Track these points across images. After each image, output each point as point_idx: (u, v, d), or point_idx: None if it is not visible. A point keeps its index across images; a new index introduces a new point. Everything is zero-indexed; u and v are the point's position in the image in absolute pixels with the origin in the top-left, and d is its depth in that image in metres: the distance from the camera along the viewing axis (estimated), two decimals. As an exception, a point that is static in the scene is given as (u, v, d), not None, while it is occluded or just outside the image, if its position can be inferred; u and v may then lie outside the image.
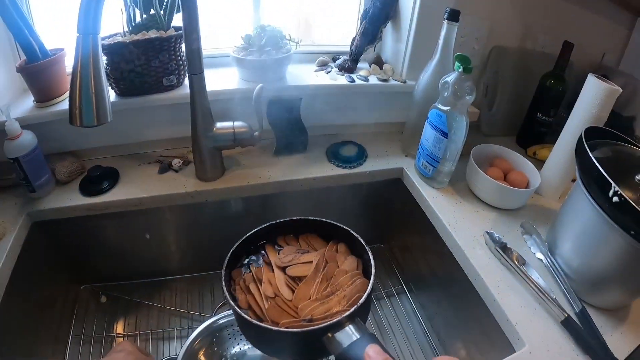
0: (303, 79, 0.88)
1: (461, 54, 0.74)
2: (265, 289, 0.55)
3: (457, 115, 0.76)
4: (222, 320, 0.78)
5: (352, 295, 0.52)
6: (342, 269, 0.57)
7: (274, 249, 0.62)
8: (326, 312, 0.50)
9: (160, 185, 0.83)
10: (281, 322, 0.50)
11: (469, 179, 0.86)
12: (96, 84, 0.56)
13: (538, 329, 0.62)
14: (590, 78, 0.78)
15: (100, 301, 0.97)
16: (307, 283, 0.55)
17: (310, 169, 0.88)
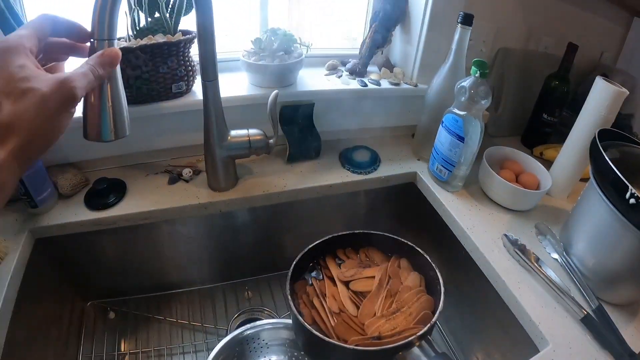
0: (314, 83, 0.87)
1: (479, 60, 0.74)
2: (330, 303, 0.54)
3: (473, 120, 0.76)
4: (246, 333, 0.76)
5: (418, 312, 0.52)
6: (406, 285, 0.57)
7: (334, 262, 0.61)
8: (393, 330, 0.50)
9: (171, 197, 0.80)
10: (350, 339, 0.49)
11: (482, 181, 0.86)
12: (113, 95, 0.51)
13: (559, 328, 0.63)
14: (599, 80, 0.79)
15: (109, 317, 0.93)
16: (371, 299, 0.55)
17: (325, 176, 0.87)
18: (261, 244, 0.94)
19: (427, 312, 0.53)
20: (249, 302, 0.96)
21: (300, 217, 0.91)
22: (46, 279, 0.82)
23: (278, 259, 0.99)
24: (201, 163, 0.86)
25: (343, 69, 0.92)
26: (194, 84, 0.85)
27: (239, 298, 0.96)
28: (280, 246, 0.96)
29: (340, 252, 0.63)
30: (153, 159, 0.89)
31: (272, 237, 0.93)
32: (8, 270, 0.69)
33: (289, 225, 0.92)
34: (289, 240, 0.95)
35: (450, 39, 0.80)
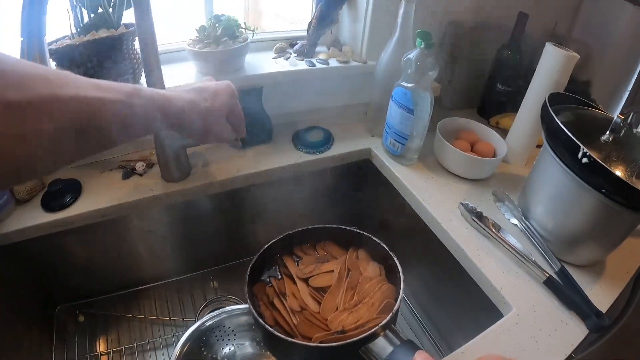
0: (262, 67, 0.86)
1: (422, 30, 0.74)
2: (291, 303, 0.54)
3: (422, 92, 0.76)
4: (208, 323, 0.76)
5: (380, 302, 0.52)
6: (366, 276, 0.56)
7: (292, 259, 0.60)
8: (357, 322, 0.50)
9: (126, 192, 0.79)
10: (314, 336, 0.49)
11: (437, 153, 0.87)
12: None
13: (522, 292, 0.64)
14: (548, 46, 0.80)
15: (79, 320, 0.92)
16: (332, 293, 0.54)
17: (278, 159, 0.86)
18: (223, 233, 0.93)
19: (390, 300, 0.52)
20: (215, 292, 0.95)
21: (259, 202, 0.90)
22: (11, 288, 0.81)
23: (241, 246, 0.99)
24: (154, 156, 0.85)
25: (291, 51, 0.91)
26: (141, 77, 0.83)
27: (205, 288, 0.96)
28: (242, 233, 0.96)
29: (297, 249, 0.62)
30: (106, 156, 0.87)
31: (233, 224, 0.93)
32: None
33: (248, 211, 0.92)
34: (251, 226, 0.94)
35: (397, 13, 0.80)
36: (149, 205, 0.80)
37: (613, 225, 0.64)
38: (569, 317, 0.61)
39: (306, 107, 0.96)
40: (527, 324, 0.60)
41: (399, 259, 0.97)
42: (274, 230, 0.65)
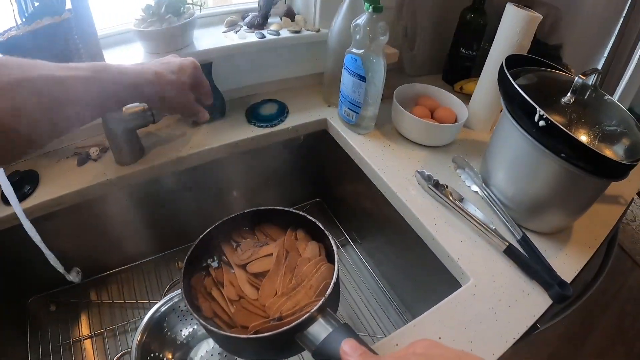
0: (210, 42, 0.84)
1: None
2: (227, 292, 0.52)
3: (373, 57, 0.74)
4: (169, 304, 0.77)
5: (319, 284, 0.50)
6: (304, 257, 0.54)
7: (231, 246, 0.58)
8: (295, 307, 0.48)
9: (82, 178, 0.79)
10: (250, 325, 0.47)
11: (395, 120, 0.85)
12: None
13: (481, 262, 0.63)
14: (509, 7, 0.77)
15: (50, 310, 0.93)
16: (270, 278, 0.53)
17: (230, 134, 0.85)
18: (183, 212, 0.93)
19: (328, 281, 0.50)
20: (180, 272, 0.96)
21: (216, 179, 0.89)
22: None
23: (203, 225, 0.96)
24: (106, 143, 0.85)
25: (242, 24, 0.89)
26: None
27: (170, 269, 0.97)
28: (203, 211, 0.95)
29: (235, 235, 0.60)
30: (62, 144, 0.87)
31: (192, 203, 0.92)
32: None
33: (206, 189, 0.91)
34: (210, 204, 0.94)
35: None
36: (105, 190, 0.80)
37: (576, 192, 0.63)
38: (531, 287, 0.60)
39: (260, 80, 0.94)
40: (485, 295, 0.59)
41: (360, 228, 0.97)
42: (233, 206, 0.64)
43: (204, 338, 0.79)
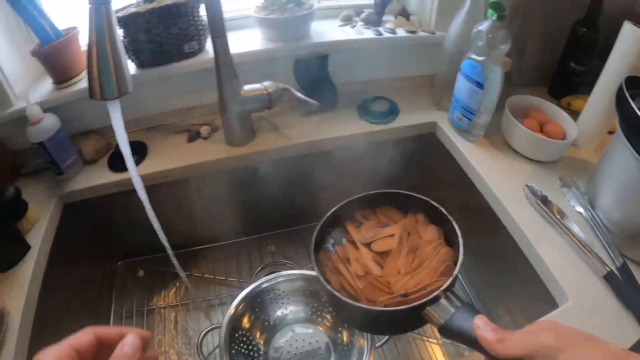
0: (328, 35, 0.86)
1: (495, 1, 0.71)
2: (355, 268, 0.55)
3: (492, 66, 0.74)
4: (264, 285, 0.79)
5: (439, 265, 0.53)
6: (425, 240, 0.57)
7: (354, 225, 0.62)
8: (418, 285, 0.51)
9: (190, 154, 0.83)
10: (378, 300, 0.51)
11: (505, 130, 0.84)
12: (114, 54, 0.55)
13: (580, 284, 0.61)
14: (627, 25, 0.74)
15: (138, 275, 1.00)
16: (393, 257, 0.56)
17: (342, 127, 0.87)
18: (283, 198, 0.95)
19: (449, 264, 0.53)
20: (272, 256, 1.00)
21: (320, 169, 0.91)
22: (77, 243, 0.88)
23: (300, 213, 1.02)
24: (219, 120, 0.88)
25: (358, 19, 0.90)
26: (206, 43, 0.86)
27: (262, 252, 1.01)
28: (302, 200, 0.98)
29: (358, 215, 0.64)
30: (172, 120, 0.92)
31: (293, 191, 0.95)
32: (38, 237, 0.74)
33: (309, 178, 0.93)
34: (311, 193, 0.96)
35: None
36: (212, 168, 0.84)
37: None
38: (626, 318, 0.57)
39: (372, 77, 0.95)
40: (580, 319, 0.57)
41: None
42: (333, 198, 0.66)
43: (290, 324, 0.81)
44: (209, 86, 0.82)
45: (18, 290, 0.67)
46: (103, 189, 0.84)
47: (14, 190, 0.74)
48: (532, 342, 0.37)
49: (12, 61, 0.84)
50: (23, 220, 0.74)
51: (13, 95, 0.83)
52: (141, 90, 0.57)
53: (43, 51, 0.81)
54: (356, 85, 0.95)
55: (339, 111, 0.90)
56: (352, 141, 0.87)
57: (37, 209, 0.78)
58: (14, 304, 0.65)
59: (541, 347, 0.36)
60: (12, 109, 0.82)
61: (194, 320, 0.92)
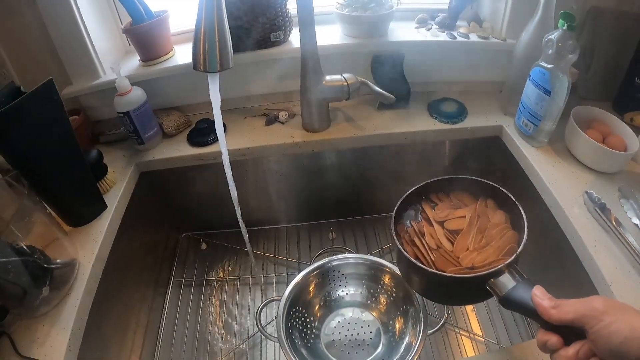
0: (405, 35, 0.92)
1: (566, 11, 0.75)
2: (428, 241, 0.62)
3: (560, 74, 0.78)
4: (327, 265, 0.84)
5: (505, 245, 0.59)
6: (493, 223, 0.63)
7: (429, 205, 0.68)
8: (484, 261, 0.57)
9: (267, 136, 0.90)
10: (448, 270, 0.57)
11: (568, 139, 0.88)
12: (220, 31, 0.61)
13: (632, 292, 0.63)
14: None
15: (201, 248, 1.07)
16: (464, 235, 0.62)
17: (413, 123, 0.93)
18: (347, 187, 1.01)
19: (513, 245, 0.58)
20: (332, 242, 1.05)
21: (386, 163, 0.97)
22: (147, 210, 0.95)
23: (363, 203, 1.07)
24: (296, 107, 0.95)
25: (433, 23, 0.95)
26: (291, 35, 0.93)
27: (322, 238, 1.07)
28: (366, 190, 1.04)
29: (433, 196, 0.70)
30: (251, 104, 0.99)
31: (358, 181, 1.01)
32: (114, 199, 0.82)
33: (375, 170, 0.99)
34: (375, 185, 1.02)
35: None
36: (288, 151, 0.90)
37: None
38: None
39: (443, 78, 1.00)
40: None
41: None
42: (395, 191, 0.71)
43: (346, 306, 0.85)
44: (287, 75, 0.90)
45: (91, 245, 0.74)
46: (180, 161, 0.92)
47: (97, 153, 0.83)
48: (583, 306, 0.43)
49: (102, 37, 0.93)
50: (102, 182, 0.83)
51: (101, 68, 0.92)
52: (224, 73, 0.63)
53: (134, 29, 0.89)
54: (428, 85, 1.00)
55: (410, 108, 0.96)
56: (420, 137, 0.92)
57: (116, 173, 0.87)
58: (86, 255, 0.73)
59: (591, 310, 0.42)
60: (99, 80, 0.92)
61: (251, 294, 0.98)
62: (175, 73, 0.92)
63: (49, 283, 0.65)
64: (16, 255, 0.63)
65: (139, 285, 0.91)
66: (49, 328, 0.64)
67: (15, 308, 0.65)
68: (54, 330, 0.64)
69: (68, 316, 0.65)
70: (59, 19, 0.84)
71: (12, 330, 0.65)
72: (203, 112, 0.99)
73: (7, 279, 0.61)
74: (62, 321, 0.64)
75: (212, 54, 0.61)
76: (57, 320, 0.64)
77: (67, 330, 0.63)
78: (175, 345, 0.91)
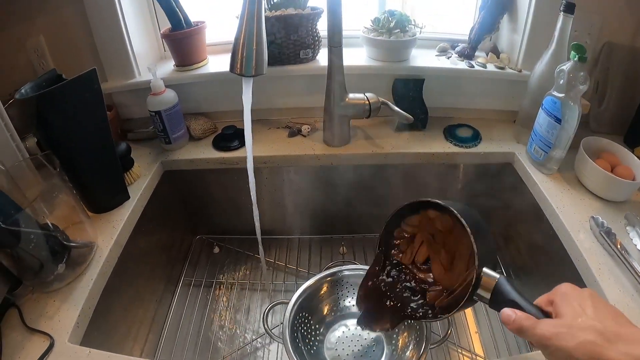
0: (425, 61, 1.02)
1: (577, 43, 0.83)
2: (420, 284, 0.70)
3: (571, 103, 0.86)
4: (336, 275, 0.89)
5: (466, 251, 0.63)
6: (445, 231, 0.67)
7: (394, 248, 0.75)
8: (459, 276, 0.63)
9: (289, 147, 0.99)
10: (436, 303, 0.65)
11: (577, 167, 0.95)
12: (258, 39, 0.69)
13: (636, 316, 0.66)
14: None
15: (213, 252, 1.15)
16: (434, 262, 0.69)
17: (429, 145, 1.02)
18: (361, 204, 1.09)
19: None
20: (342, 257, 1.12)
21: (401, 182, 1.05)
22: (166, 207, 1.03)
23: (376, 220, 1.14)
24: (319, 123, 1.04)
25: (453, 52, 1.06)
26: (319, 54, 1.03)
27: (333, 251, 1.14)
28: (380, 208, 1.10)
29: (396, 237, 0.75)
30: (275, 116, 1.09)
31: (373, 198, 1.08)
32: (137, 191, 0.90)
33: (390, 188, 1.07)
34: (389, 203, 1.07)
35: (554, 27, 0.90)
36: (308, 162, 0.99)
37: None
38: None
39: (459, 104, 1.10)
40: None
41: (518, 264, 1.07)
42: None
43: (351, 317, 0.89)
44: (312, 91, 0.99)
45: (111, 231, 0.82)
46: (203, 163, 1.00)
47: (126, 145, 0.92)
48: None
49: (141, 40, 1.03)
50: (128, 174, 0.92)
51: (137, 69, 1.03)
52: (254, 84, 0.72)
53: (172, 35, 1.00)
54: (445, 110, 1.10)
55: (427, 131, 1.05)
56: (435, 159, 1.00)
57: (141, 168, 0.96)
58: (105, 240, 0.80)
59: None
60: (134, 80, 1.02)
61: (259, 299, 1.05)
62: (207, 80, 1.03)
63: (66, 261, 0.72)
64: (39, 229, 0.69)
65: (150, 279, 0.99)
66: (60, 303, 0.70)
67: (29, 280, 0.71)
68: (65, 306, 0.69)
69: (80, 294, 0.71)
70: (102, 18, 0.96)
71: (22, 303, 0.70)
72: (229, 120, 1.10)
73: (27, 249, 0.67)
74: (74, 299, 0.70)
75: (249, 59, 0.69)
76: (69, 297, 0.70)
77: (77, 307, 0.69)
78: (179, 341, 0.98)
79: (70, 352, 0.64)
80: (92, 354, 0.64)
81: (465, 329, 1.01)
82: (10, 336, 0.67)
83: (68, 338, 0.65)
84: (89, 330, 0.71)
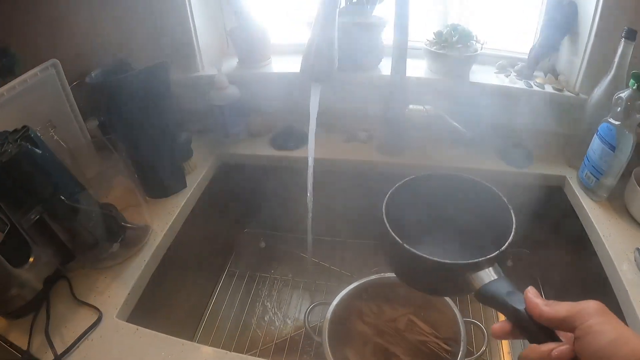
0: (485, 78, 1.09)
1: (638, 72, 0.87)
2: None
3: (626, 132, 0.90)
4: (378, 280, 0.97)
5: None
6: None
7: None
8: None
9: (345, 151, 1.07)
10: None
11: (627, 197, 1.00)
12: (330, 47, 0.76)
13: None
14: None
15: (260, 246, 1.23)
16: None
17: (481, 161, 1.08)
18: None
19: None
20: None
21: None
22: (219, 199, 1.11)
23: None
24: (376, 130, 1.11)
25: (512, 70, 1.12)
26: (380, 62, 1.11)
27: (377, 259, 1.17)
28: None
29: None
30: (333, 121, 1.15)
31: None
32: (194, 181, 0.99)
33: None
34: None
35: (615, 53, 0.94)
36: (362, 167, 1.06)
37: None
38: None
39: (513, 123, 1.14)
40: None
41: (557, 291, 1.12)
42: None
43: None
44: (370, 99, 1.07)
45: (166, 217, 0.91)
46: (259, 160, 1.09)
47: (187, 135, 1.01)
48: (577, 306, 0.47)
49: (207, 35, 1.12)
50: (187, 163, 1.01)
51: (200, 62, 1.12)
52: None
53: (240, 33, 1.09)
54: (500, 128, 1.14)
55: (480, 148, 1.11)
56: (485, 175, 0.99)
57: (199, 159, 1.04)
58: (160, 225, 0.89)
59: (584, 308, 0.46)
60: (197, 73, 1.11)
61: (300, 297, 1.14)
62: (269, 79, 1.12)
63: (121, 240, 0.80)
64: (99, 208, 0.77)
65: (197, 266, 1.07)
66: (111, 280, 0.78)
67: (82, 255, 0.78)
68: (115, 283, 0.77)
69: (131, 274, 0.79)
70: (171, 10, 1.04)
71: (72, 276, 0.78)
72: (287, 120, 1.18)
73: (86, 226, 0.75)
74: (125, 277, 0.78)
75: (321, 65, 0.77)
76: (120, 275, 0.78)
77: (127, 286, 0.77)
78: (219, 328, 1.07)
79: (117, 327, 0.71)
80: (140, 331, 0.70)
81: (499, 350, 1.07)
82: (58, 307, 0.74)
83: (116, 314, 0.73)
84: (134, 309, 0.78)
